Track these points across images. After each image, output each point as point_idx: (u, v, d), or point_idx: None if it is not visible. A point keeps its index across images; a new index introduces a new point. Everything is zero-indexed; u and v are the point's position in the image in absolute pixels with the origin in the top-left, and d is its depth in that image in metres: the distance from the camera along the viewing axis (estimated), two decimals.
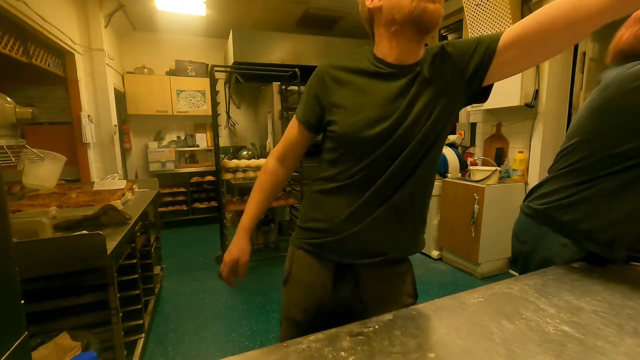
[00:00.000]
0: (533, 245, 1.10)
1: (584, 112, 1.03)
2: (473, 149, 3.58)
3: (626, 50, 0.98)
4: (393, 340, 0.66)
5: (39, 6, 2.42)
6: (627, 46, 0.97)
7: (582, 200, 0.99)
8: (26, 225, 1.35)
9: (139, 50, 4.62)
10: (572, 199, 1.01)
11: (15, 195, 1.97)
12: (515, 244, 1.20)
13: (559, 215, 1.04)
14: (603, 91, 0.96)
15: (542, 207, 1.08)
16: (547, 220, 1.07)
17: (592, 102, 1.00)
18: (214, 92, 2.87)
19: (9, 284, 0.72)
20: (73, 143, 3.22)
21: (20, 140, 1.59)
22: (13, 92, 3.00)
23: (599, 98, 0.97)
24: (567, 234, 1.02)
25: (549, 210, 1.06)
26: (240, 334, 2.16)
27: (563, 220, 1.03)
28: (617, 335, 0.66)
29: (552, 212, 1.05)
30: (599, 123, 0.97)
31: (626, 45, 0.97)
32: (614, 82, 0.93)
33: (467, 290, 0.86)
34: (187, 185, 4.67)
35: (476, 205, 2.78)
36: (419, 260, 3.34)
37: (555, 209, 1.04)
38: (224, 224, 3.04)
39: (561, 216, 1.03)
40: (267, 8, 3.94)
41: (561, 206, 1.03)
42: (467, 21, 3.15)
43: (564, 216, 1.02)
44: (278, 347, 0.64)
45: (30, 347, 0.82)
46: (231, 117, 5.04)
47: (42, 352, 1.26)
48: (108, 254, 1.22)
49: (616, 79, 0.92)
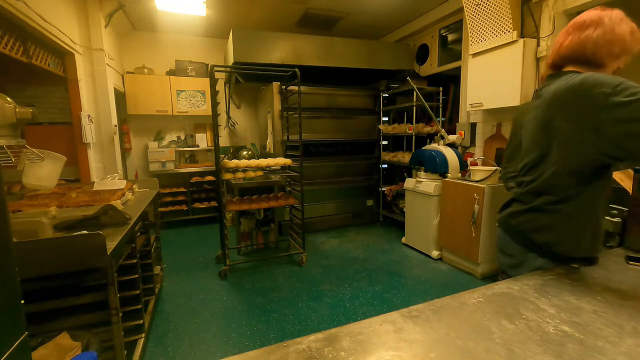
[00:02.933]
0: (520, 259, 1.12)
1: (535, 127, 1.05)
2: (473, 149, 3.58)
3: (567, 55, 1.01)
4: (393, 340, 0.66)
5: (39, 6, 2.42)
6: (568, 51, 1.00)
7: (553, 224, 1.02)
8: (26, 225, 1.35)
9: (139, 50, 4.62)
10: (544, 221, 1.04)
11: (15, 195, 1.97)
12: (501, 256, 1.22)
13: (533, 237, 1.07)
14: (548, 107, 0.98)
15: (517, 227, 1.12)
16: (524, 241, 1.11)
17: (540, 118, 1.02)
18: (214, 92, 2.87)
19: (9, 284, 0.72)
20: (73, 143, 3.22)
21: (20, 140, 1.58)
22: (13, 92, 3.02)
23: (543, 114, 0.99)
24: (544, 255, 1.06)
25: (524, 231, 1.10)
26: (240, 334, 2.16)
27: (538, 242, 1.06)
28: (617, 335, 0.66)
29: (528, 233, 1.09)
30: (551, 139, 0.98)
31: (567, 51, 1.00)
32: (555, 98, 0.95)
33: (467, 290, 0.86)
34: (187, 185, 4.67)
35: (476, 205, 2.78)
36: (419, 260, 3.34)
37: (530, 230, 1.08)
38: (224, 224, 3.04)
39: (536, 238, 1.07)
40: (267, 8, 3.94)
41: (535, 229, 1.07)
42: (467, 21, 3.16)
43: (539, 238, 1.06)
44: (278, 347, 0.64)
45: (30, 347, 0.82)
46: (231, 117, 5.04)
47: (42, 352, 1.26)
48: (108, 254, 1.22)
49: (556, 95, 0.94)
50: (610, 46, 0.95)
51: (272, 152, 4.09)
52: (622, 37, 0.94)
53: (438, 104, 4.05)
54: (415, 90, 3.60)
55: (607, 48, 0.95)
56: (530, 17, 2.85)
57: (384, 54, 4.36)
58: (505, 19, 2.82)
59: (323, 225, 4.45)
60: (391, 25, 4.64)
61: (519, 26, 2.84)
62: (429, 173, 3.38)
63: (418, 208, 3.51)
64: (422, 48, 4.50)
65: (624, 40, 0.94)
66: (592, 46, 0.96)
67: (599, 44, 0.95)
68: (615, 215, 1.48)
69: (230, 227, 4.15)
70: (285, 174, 3.42)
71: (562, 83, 0.95)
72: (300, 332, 2.19)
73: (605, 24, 0.95)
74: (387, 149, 4.77)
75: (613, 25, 0.94)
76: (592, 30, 0.96)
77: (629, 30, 0.95)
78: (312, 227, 4.29)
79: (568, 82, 0.92)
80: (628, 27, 0.95)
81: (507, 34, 2.82)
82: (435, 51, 4.24)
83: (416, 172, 3.56)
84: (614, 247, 1.39)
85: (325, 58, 4.08)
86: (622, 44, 0.95)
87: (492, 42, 2.95)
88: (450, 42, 4.14)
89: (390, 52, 4.42)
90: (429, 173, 3.38)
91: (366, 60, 4.27)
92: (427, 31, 4.33)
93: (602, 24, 0.95)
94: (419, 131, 3.91)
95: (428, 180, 3.36)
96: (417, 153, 3.51)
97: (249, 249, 3.68)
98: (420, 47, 4.52)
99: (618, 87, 0.81)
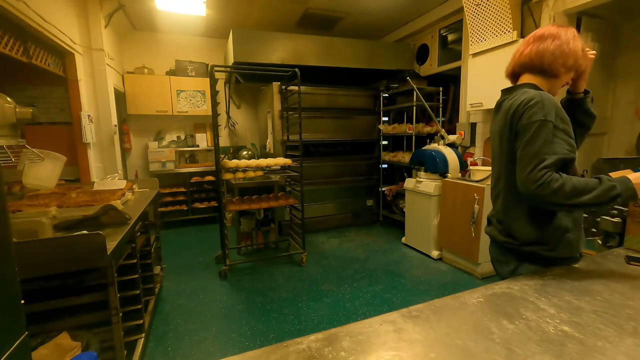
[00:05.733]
0: (516, 265, 1.14)
1: (502, 140, 1.11)
2: (473, 149, 3.58)
3: (526, 63, 1.10)
4: (393, 341, 0.66)
5: (39, 6, 2.42)
6: (527, 60, 1.09)
7: (543, 236, 1.06)
8: (26, 225, 1.35)
9: (139, 50, 4.62)
10: (532, 235, 1.07)
11: (15, 195, 1.97)
12: (497, 265, 1.26)
13: (522, 248, 1.10)
14: (505, 118, 1.07)
15: (506, 241, 1.16)
16: (514, 253, 1.14)
17: (503, 131, 1.09)
18: (214, 92, 2.87)
19: (9, 284, 0.72)
20: (73, 143, 3.22)
21: (20, 140, 1.59)
22: (13, 92, 3.00)
23: (506, 127, 1.07)
24: (535, 262, 1.09)
25: (512, 245, 1.13)
26: (240, 334, 2.16)
27: (525, 251, 1.10)
28: (617, 335, 0.66)
29: (517, 247, 1.12)
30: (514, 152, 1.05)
31: (527, 59, 1.09)
32: (510, 112, 1.05)
33: (467, 290, 0.86)
34: (187, 185, 4.67)
35: (476, 205, 2.78)
36: (419, 260, 3.34)
37: (520, 244, 1.11)
38: (224, 224, 3.04)
39: (523, 248, 1.10)
40: (267, 8, 3.94)
41: (525, 242, 1.09)
42: (467, 21, 3.16)
43: (525, 248, 1.10)
44: (278, 347, 0.64)
45: (30, 347, 0.82)
46: (231, 117, 5.05)
47: (42, 352, 1.26)
48: (108, 254, 1.22)
49: (513, 108, 1.04)
50: (565, 58, 1.04)
51: (272, 152, 4.09)
52: (575, 52, 1.04)
53: (438, 104, 4.05)
54: (415, 90, 3.60)
55: (562, 59, 1.04)
56: (530, 17, 2.85)
57: (384, 54, 4.36)
58: (505, 19, 2.82)
59: (323, 225, 4.45)
60: (391, 25, 4.64)
61: (519, 26, 2.84)
62: (429, 173, 3.38)
63: (418, 208, 3.51)
64: (422, 48, 4.50)
65: (576, 55, 1.04)
66: (549, 57, 1.04)
67: (555, 55, 1.04)
68: (615, 215, 1.48)
69: (230, 227, 4.15)
70: (285, 174, 3.42)
71: (515, 99, 1.05)
72: (300, 332, 2.19)
73: (561, 38, 1.04)
74: (387, 149, 4.77)
75: (568, 40, 1.04)
76: (550, 41, 1.05)
77: (580, 47, 1.05)
78: (312, 227, 4.29)
79: (519, 96, 1.04)
80: (580, 44, 1.05)
81: (507, 34, 2.82)
82: (435, 51, 4.24)
83: (416, 172, 3.56)
84: (614, 247, 1.39)
85: (325, 58, 4.08)
86: (575, 58, 1.05)
87: (492, 42, 2.95)
88: (450, 42, 4.14)
89: (390, 52, 4.42)
90: (429, 173, 3.38)
91: (366, 60, 4.26)
92: (427, 31, 4.33)
93: (559, 37, 1.04)
94: (419, 131, 3.91)
95: (428, 180, 3.36)
96: (417, 153, 3.51)
97: (249, 249, 3.68)
98: (420, 47, 4.52)
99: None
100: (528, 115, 0.98)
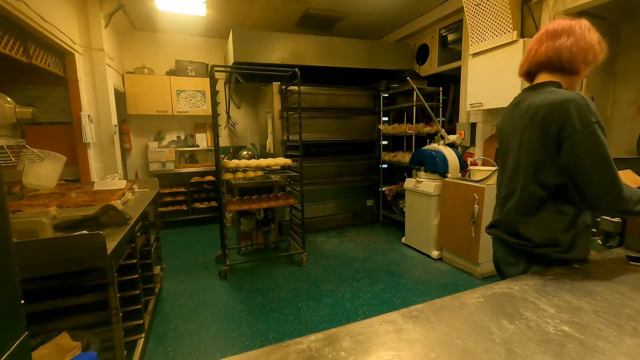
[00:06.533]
0: (526, 266, 1.11)
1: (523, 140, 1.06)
2: (473, 149, 3.58)
3: (543, 61, 1.04)
4: (393, 341, 0.66)
5: (39, 6, 2.42)
6: (544, 58, 1.03)
7: (558, 238, 1.03)
8: (26, 225, 1.35)
9: (139, 50, 4.61)
10: (547, 236, 1.05)
11: (15, 195, 1.97)
12: (505, 266, 1.20)
13: (535, 250, 1.07)
14: (531, 117, 1.02)
15: (517, 242, 1.11)
16: (524, 255, 1.11)
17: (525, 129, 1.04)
18: (214, 92, 2.87)
19: (9, 284, 0.72)
20: (73, 143, 3.22)
21: (20, 140, 1.59)
22: (13, 92, 3.00)
23: (535, 126, 1.01)
24: (545, 264, 1.06)
25: (524, 247, 1.09)
26: (240, 334, 2.16)
27: (536, 253, 1.07)
28: (617, 335, 0.66)
29: (530, 249, 1.08)
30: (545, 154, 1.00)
31: (544, 58, 1.03)
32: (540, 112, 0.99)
33: (467, 290, 0.86)
34: (187, 185, 4.67)
35: (476, 205, 2.78)
36: (419, 260, 3.34)
37: (534, 246, 1.07)
38: (224, 224, 3.04)
39: (536, 250, 1.07)
40: (267, 8, 3.94)
41: (539, 244, 1.06)
42: (467, 21, 3.16)
43: (537, 250, 1.06)
44: (278, 347, 0.64)
45: (30, 347, 0.82)
46: (231, 117, 5.04)
47: (42, 352, 1.26)
48: (108, 254, 1.22)
49: (543, 108, 0.98)
50: (584, 54, 0.99)
51: (272, 152, 4.09)
52: (593, 46, 0.99)
53: (438, 104, 4.05)
54: (415, 90, 3.60)
55: (582, 56, 0.99)
56: (530, 17, 2.85)
57: (384, 54, 4.36)
58: (505, 19, 2.82)
59: (323, 225, 4.45)
60: (391, 25, 4.64)
61: (519, 26, 2.84)
62: (429, 173, 3.38)
63: (418, 208, 3.51)
64: (422, 48, 4.50)
65: (594, 49, 0.99)
66: (567, 54, 0.99)
67: (573, 52, 0.98)
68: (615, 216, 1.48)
69: (230, 227, 4.15)
70: (285, 174, 3.42)
71: (549, 96, 0.98)
72: (300, 332, 2.19)
73: (576, 32, 0.99)
74: (387, 149, 4.77)
75: (584, 34, 0.98)
76: (565, 38, 0.99)
77: (596, 39, 1.00)
78: (312, 227, 4.29)
79: (552, 92, 0.99)
80: (596, 36, 1.00)
81: (507, 34, 2.82)
82: (435, 51, 4.24)
83: (416, 172, 3.56)
84: (614, 247, 1.39)
85: (325, 58, 4.08)
86: (593, 52, 0.99)
87: (492, 42, 2.95)
88: (450, 42, 4.14)
89: (390, 52, 4.42)
90: (429, 173, 3.38)
91: (366, 60, 4.26)
92: (427, 31, 4.33)
93: (573, 33, 0.99)
94: (419, 131, 3.91)
95: (428, 180, 3.36)
96: (417, 153, 3.51)
97: (249, 249, 3.68)
98: (420, 47, 4.52)
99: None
100: (580, 119, 0.91)
